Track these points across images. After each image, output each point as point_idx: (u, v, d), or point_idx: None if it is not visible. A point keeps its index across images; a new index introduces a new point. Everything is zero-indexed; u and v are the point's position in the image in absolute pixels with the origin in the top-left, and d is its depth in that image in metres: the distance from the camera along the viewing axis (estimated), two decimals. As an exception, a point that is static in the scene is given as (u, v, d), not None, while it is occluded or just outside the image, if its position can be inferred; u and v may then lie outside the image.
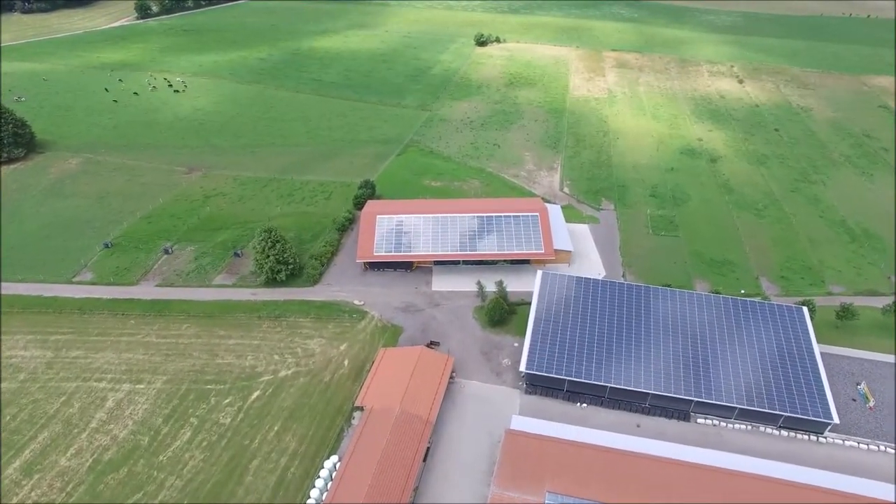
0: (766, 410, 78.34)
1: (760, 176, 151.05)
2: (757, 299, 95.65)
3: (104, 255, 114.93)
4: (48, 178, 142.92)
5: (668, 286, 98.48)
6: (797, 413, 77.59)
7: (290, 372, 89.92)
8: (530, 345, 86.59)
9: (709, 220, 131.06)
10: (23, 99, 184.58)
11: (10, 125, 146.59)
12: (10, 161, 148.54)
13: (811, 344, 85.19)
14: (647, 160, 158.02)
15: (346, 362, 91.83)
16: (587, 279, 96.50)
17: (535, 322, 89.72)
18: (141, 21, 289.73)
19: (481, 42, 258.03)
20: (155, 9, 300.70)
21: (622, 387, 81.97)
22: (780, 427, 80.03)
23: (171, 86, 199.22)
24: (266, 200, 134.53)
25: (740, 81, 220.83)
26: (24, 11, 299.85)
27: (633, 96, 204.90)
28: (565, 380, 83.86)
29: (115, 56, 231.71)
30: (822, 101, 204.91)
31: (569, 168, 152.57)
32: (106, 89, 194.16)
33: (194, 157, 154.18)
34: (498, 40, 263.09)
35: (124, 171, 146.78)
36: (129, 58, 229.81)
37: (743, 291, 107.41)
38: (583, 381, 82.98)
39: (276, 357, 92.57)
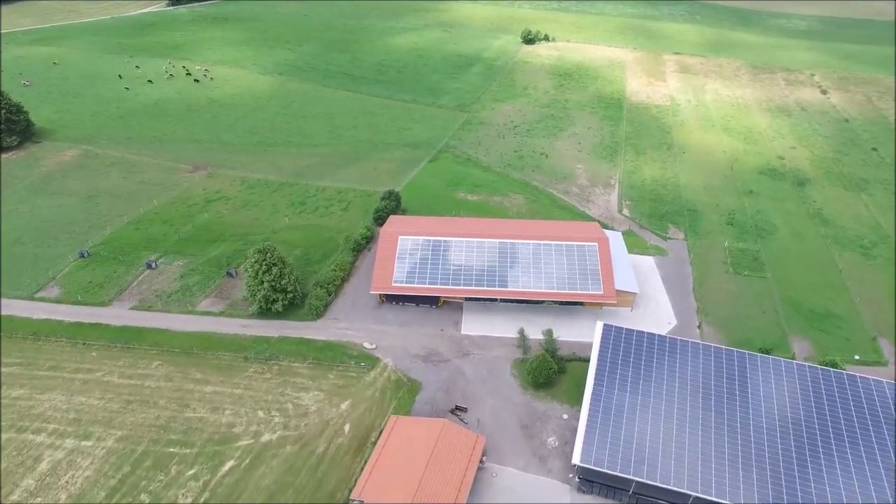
0: (927, 555, 55.19)
1: (862, 205, 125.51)
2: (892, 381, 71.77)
3: (78, 266, 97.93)
4: (38, 172, 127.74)
5: (769, 352, 75.70)
6: (977, 566, 54.21)
7: (274, 436, 70.65)
8: (587, 429, 64.97)
9: (802, 259, 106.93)
10: (29, 84, 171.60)
11: (3, 111, 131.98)
12: (2, 150, 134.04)
13: (985, 456, 61.33)
14: (721, 180, 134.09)
15: (346, 428, 72.01)
16: (662, 337, 74.18)
17: (593, 396, 68.00)
18: (172, 7, 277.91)
19: (529, 40, 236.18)
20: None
21: (712, 499, 59.81)
22: (946, 581, 56.53)
23: (189, 74, 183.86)
24: (274, 208, 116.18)
25: (823, 92, 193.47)
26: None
27: (699, 105, 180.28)
28: (633, 480, 62.17)
29: (136, 42, 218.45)
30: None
31: (628, 186, 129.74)
32: (119, 76, 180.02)
33: (201, 154, 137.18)
34: (547, 38, 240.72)
35: (123, 167, 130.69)
36: (152, 44, 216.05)
37: (857, 357, 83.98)
38: (657, 484, 61.17)
39: (261, 414, 73.42)
